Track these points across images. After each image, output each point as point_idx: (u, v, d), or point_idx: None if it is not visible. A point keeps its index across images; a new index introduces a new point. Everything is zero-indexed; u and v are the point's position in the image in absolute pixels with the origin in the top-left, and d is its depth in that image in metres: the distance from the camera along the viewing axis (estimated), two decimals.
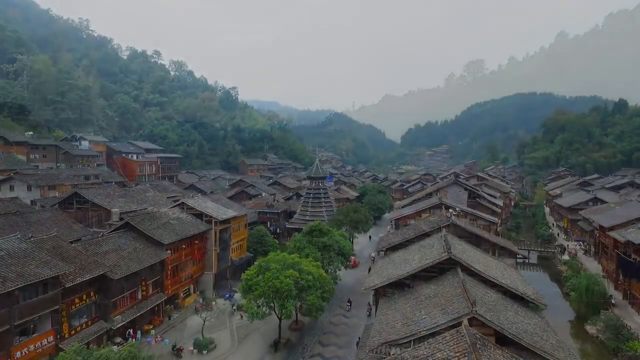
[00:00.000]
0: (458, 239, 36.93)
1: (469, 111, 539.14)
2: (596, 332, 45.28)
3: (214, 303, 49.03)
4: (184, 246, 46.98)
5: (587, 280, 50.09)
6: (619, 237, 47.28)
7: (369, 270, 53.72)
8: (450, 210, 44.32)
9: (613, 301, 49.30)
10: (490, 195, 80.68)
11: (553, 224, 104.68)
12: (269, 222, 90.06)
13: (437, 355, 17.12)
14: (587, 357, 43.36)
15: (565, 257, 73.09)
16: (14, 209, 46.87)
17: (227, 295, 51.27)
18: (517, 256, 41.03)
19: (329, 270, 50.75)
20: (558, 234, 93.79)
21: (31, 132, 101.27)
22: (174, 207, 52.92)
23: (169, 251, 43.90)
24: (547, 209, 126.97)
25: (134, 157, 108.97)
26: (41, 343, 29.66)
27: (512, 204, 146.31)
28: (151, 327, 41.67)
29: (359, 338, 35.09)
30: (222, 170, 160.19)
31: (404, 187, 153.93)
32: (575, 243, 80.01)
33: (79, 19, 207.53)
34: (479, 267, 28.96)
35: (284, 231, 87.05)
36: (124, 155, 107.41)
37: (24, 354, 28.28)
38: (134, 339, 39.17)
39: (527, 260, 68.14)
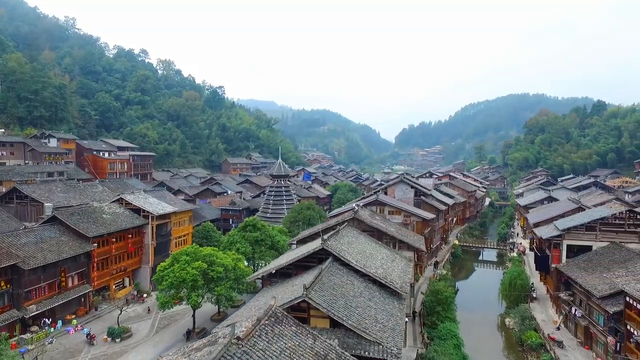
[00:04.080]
0: (359, 232, 38.36)
1: (462, 112, 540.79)
2: (511, 324, 46.87)
3: (145, 295, 50.53)
4: (114, 239, 48.38)
5: (510, 275, 51.66)
6: (537, 233, 48.69)
7: None
8: (355, 204, 45.71)
9: (534, 295, 50.72)
10: (445, 194, 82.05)
11: (516, 223, 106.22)
12: (231, 220, 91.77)
13: (236, 332, 18.54)
14: (502, 348, 45.14)
15: (514, 254, 74.58)
16: None
17: None
18: (420, 250, 42.31)
19: (259, 264, 52.33)
20: (518, 233, 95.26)
21: (2, 130, 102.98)
22: (112, 202, 54.33)
23: (96, 244, 45.34)
24: None
25: (105, 154, 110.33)
26: None
27: (487, 202, 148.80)
28: (74, 317, 43.13)
29: None
30: (205, 169, 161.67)
31: (383, 186, 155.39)
32: (529, 241, 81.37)
33: (64, 17, 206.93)
34: (354, 258, 30.38)
35: None
36: (94, 152, 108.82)
37: None
38: (53, 328, 40.70)
39: (426, 254, 68.78)
